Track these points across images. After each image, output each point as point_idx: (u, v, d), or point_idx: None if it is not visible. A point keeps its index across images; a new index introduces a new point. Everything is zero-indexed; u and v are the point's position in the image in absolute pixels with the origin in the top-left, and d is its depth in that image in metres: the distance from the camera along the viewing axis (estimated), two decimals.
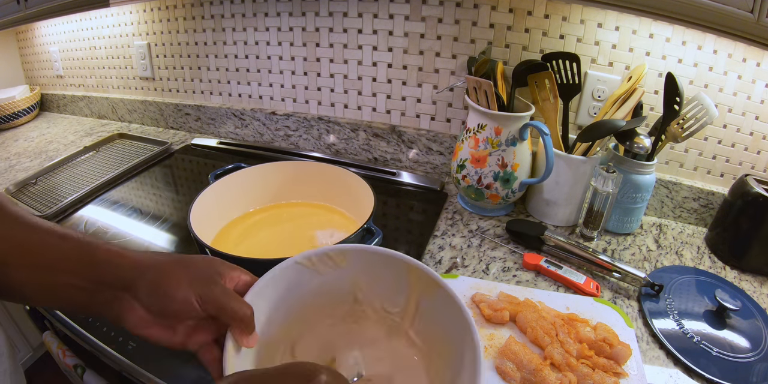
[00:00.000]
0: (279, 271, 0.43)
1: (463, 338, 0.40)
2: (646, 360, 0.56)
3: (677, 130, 0.72)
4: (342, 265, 0.45)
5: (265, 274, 0.42)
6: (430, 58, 0.90)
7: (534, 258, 0.70)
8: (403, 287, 0.45)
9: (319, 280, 0.45)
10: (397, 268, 0.44)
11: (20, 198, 0.93)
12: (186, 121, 1.25)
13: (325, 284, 0.46)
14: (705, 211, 0.81)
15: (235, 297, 0.36)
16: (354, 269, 0.46)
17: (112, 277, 0.35)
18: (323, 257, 0.45)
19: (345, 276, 0.46)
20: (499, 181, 0.77)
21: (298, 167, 0.79)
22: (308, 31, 0.98)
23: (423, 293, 0.44)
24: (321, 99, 1.05)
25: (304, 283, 0.45)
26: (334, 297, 0.47)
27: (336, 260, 0.45)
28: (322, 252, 0.44)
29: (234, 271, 0.39)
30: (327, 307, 0.47)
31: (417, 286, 0.44)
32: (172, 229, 0.83)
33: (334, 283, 0.46)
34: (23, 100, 1.38)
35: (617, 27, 0.75)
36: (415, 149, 0.99)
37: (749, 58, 0.70)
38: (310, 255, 0.44)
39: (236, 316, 0.35)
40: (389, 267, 0.45)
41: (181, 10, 1.10)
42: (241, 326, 0.36)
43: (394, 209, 0.88)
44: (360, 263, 0.45)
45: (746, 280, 0.70)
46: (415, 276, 0.44)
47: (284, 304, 0.44)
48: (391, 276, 0.45)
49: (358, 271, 0.46)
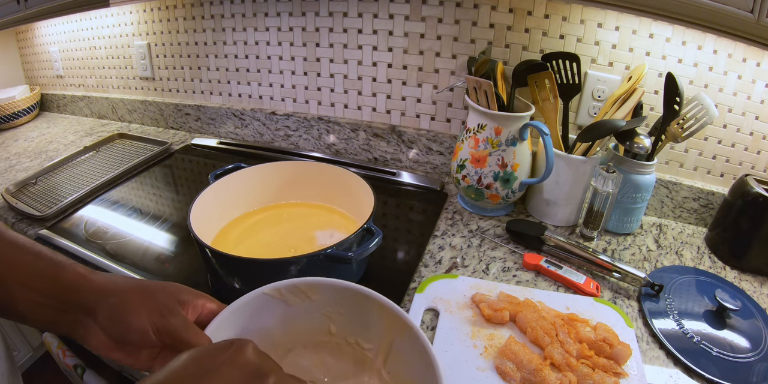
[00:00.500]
0: (245, 301, 0.42)
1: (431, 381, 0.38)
2: (646, 360, 0.56)
3: (677, 130, 0.72)
4: (313, 298, 0.45)
5: (230, 304, 0.41)
6: (430, 58, 0.90)
7: (534, 258, 0.70)
8: (377, 325, 0.44)
9: (290, 311, 0.45)
10: (368, 306, 0.43)
11: (20, 198, 0.93)
12: (186, 121, 1.25)
13: (296, 315, 0.45)
14: (705, 211, 0.81)
15: (192, 329, 0.35)
16: (326, 303, 0.45)
17: (76, 300, 0.35)
18: (293, 289, 0.44)
19: (317, 308, 0.45)
20: (499, 181, 0.77)
21: (298, 167, 0.79)
22: (308, 31, 0.98)
23: (396, 333, 0.43)
24: (321, 99, 1.05)
25: (273, 313, 0.44)
26: (307, 328, 0.46)
27: (307, 293, 0.44)
28: (291, 284, 0.43)
29: (199, 300, 0.38)
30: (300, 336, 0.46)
31: (389, 325, 0.43)
32: (172, 229, 0.83)
33: (306, 315, 0.45)
34: (23, 100, 1.38)
35: (617, 27, 0.75)
36: (415, 149, 0.99)
37: (749, 58, 0.70)
38: (278, 286, 0.43)
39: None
40: (361, 304, 0.44)
41: (181, 10, 1.10)
42: None
43: (394, 209, 0.88)
44: (332, 297, 0.44)
45: (746, 280, 0.70)
46: (386, 315, 0.43)
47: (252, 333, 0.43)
48: (363, 312, 0.44)
49: (330, 304, 0.45)
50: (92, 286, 0.36)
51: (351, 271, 0.65)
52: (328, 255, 0.56)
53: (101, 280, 0.37)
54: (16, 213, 0.89)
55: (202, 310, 0.38)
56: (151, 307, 0.35)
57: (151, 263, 0.73)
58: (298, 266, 0.57)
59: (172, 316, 0.35)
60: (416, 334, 0.40)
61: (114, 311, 0.35)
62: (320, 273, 0.60)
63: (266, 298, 0.43)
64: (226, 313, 0.40)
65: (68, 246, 0.77)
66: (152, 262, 0.74)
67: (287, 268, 0.57)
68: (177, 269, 0.72)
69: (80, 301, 0.35)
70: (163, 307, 0.35)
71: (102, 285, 0.36)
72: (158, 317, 0.34)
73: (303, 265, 0.57)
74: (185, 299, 0.37)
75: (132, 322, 0.34)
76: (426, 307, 0.62)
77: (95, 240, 0.79)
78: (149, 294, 0.36)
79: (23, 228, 0.85)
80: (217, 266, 0.61)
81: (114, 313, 0.34)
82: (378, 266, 0.71)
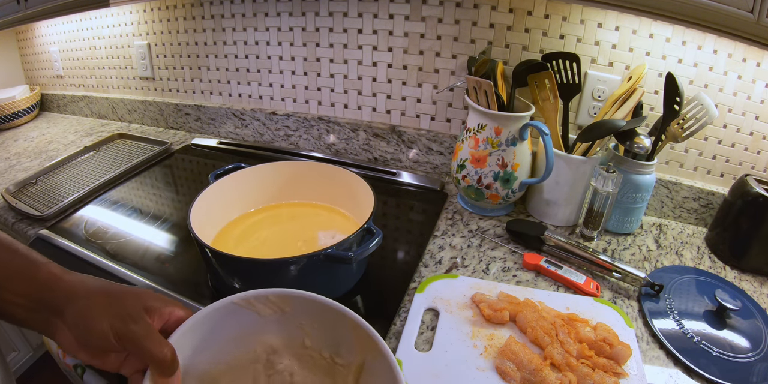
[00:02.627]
0: (214, 309, 0.41)
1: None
2: (646, 360, 0.56)
3: (677, 130, 0.72)
4: (286, 310, 0.44)
5: (197, 313, 0.40)
6: (430, 58, 0.90)
7: (534, 258, 0.70)
8: (350, 343, 0.43)
9: (262, 322, 0.44)
10: (342, 323, 0.42)
11: (20, 198, 0.93)
12: (186, 121, 1.25)
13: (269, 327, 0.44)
14: (705, 211, 0.81)
15: (153, 337, 0.35)
16: (299, 315, 0.44)
17: (48, 300, 0.36)
18: (263, 299, 0.43)
19: (290, 320, 0.44)
20: (499, 181, 0.77)
21: (298, 167, 0.79)
22: (308, 31, 0.98)
23: (368, 354, 0.42)
24: (321, 99, 1.05)
25: (243, 324, 0.43)
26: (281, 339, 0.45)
27: (279, 305, 0.43)
28: (262, 294, 0.42)
29: (167, 307, 0.38)
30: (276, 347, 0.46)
31: (362, 346, 0.42)
32: (172, 229, 0.83)
33: (279, 327, 0.44)
34: (23, 100, 1.38)
35: (617, 27, 0.75)
36: (415, 149, 0.99)
37: (749, 58, 0.70)
38: (249, 296, 0.42)
39: (153, 358, 0.34)
40: (335, 320, 0.43)
41: (181, 10, 1.10)
42: (159, 368, 0.35)
43: (394, 209, 0.88)
44: (305, 310, 0.43)
45: (746, 280, 0.70)
46: (359, 335, 0.42)
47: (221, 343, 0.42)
48: (337, 329, 0.43)
49: (304, 317, 0.44)
50: (64, 287, 0.36)
51: (351, 271, 0.65)
52: (328, 255, 0.56)
53: (73, 281, 0.37)
54: (16, 213, 0.89)
55: (169, 318, 0.38)
56: (113, 313, 0.35)
57: (151, 263, 0.73)
58: (298, 266, 0.57)
59: (133, 322, 0.35)
60: (388, 360, 0.39)
61: (79, 315, 0.35)
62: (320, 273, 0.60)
63: (235, 308, 0.42)
64: (192, 322, 0.39)
65: (68, 246, 0.77)
66: (152, 262, 0.74)
67: (287, 268, 0.57)
68: (177, 269, 0.72)
69: (51, 302, 0.35)
70: (125, 314, 0.35)
71: (72, 286, 0.36)
72: (120, 323, 0.34)
73: (303, 265, 0.57)
74: (152, 306, 0.37)
75: (94, 326, 0.34)
76: (426, 307, 0.62)
77: (95, 240, 0.79)
78: (116, 299, 0.36)
79: (23, 228, 0.85)
80: (217, 266, 0.61)
81: (79, 317, 0.35)
82: (378, 266, 0.71)
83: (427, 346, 0.56)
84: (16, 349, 1.30)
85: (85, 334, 0.34)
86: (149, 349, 0.34)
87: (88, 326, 0.34)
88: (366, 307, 0.64)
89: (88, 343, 0.35)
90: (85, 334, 0.34)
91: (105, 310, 0.35)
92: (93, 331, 0.34)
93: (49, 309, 0.35)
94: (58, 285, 0.36)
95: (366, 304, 0.65)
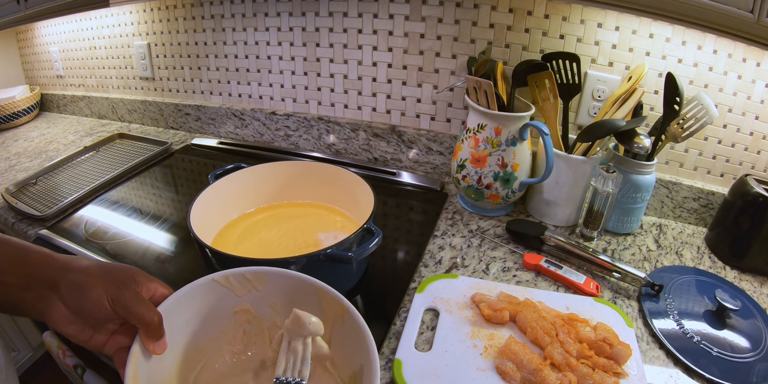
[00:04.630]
0: (196, 287, 0.44)
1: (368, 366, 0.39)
2: (646, 360, 0.56)
3: (677, 130, 0.72)
4: (259, 288, 0.47)
5: (181, 288, 0.43)
6: (430, 58, 0.90)
7: (534, 258, 0.70)
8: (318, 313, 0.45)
9: (237, 302, 0.47)
10: (310, 293, 0.45)
11: (20, 198, 0.93)
12: (186, 121, 1.25)
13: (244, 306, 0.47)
14: (705, 211, 0.81)
15: (144, 302, 0.38)
16: (271, 293, 0.47)
17: (41, 275, 0.38)
18: (240, 278, 0.46)
19: (263, 300, 0.47)
20: (499, 181, 0.77)
21: (298, 167, 0.79)
22: (308, 31, 0.98)
23: (336, 319, 0.45)
24: (321, 99, 1.05)
25: (223, 303, 0.46)
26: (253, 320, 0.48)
27: (253, 283, 0.46)
28: (239, 272, 0.46)
29: (152, 283, 0.41)
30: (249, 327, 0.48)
31: (330, 313, 0.45)
32: (172, 229, 0.83)
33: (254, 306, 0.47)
34: (23, 100, 1.38)
35: (617, 27, 0.75)
36: (415, 149, 0.99)
37: (749, 58, 0.70)
38: (227, 274, 0.45)
39: (143, 320, 0.37)
40: (303, 292, 0.46)
41: (181, 10, 1.10)
42: (148, 331, 0.38)
43: (394, 209, 0.88)
44: (276, 287, 0.46)
45: (746, 280, 0.70)
46: (326, 300, 0.45)
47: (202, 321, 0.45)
48: (305, 300, 0.46)
49: (274, 295, 0.47)
50: (57, 263, 0.38)
51: (351, 270, 0.65)
52: (328, 255, 0.56)
53: (65, 259, 0.40)
54: (16, 213, 0.89)
55: (154, 293, 0.41)
56: (107, 281, 0.37)
57: (151, 263, 0.73)
58: (298, 266, 0.57)
59: (126, 288, 0.38)
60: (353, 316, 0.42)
61: (75, 283, 0.37)
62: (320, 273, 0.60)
63: (215, 286, 0.45)
64: (176, 297, 0.42)
65: (68, 246, 0.77)
66: (152, 262, 0.74)
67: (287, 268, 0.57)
68: (177, 269, 0.72)
69: (46, 275, 0.38)
70: (118, 281, 0.38)
71: (66, 261, 0.39)
72: (114, 289, 0.37)
73: (303, 265, 0.57)
74: (140, 280, 0.40)
75: (89, 293, 0.37)
76: (426, 307, 0.62)
77: (95, 240, 0.79)
78: (108, 270, 0.39)
79: (23, 228, 0.85)
80: (218, 266, 0.61)
81: (75, 286, 0.37)
82: (378, 266, 0.71)
83: (427, 346, 0.56)
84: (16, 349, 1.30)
85: (80, 300, 0.37)
86: (139, 312, 0.37)
87: (84, 293, 0.37)
88: (366, 307, 0.64)
89: (82, 312, 0.37)
90: (80, 300, 0.37)
91: (99, 278, 0.37)
92: (88, 297, 0.36)
93: (44, 282, 0.37)
94: (51, 261, 0.39)
95: (366, 304, 0.65)
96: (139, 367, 0.38)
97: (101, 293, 0.36)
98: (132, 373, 0.37)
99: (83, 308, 0.37)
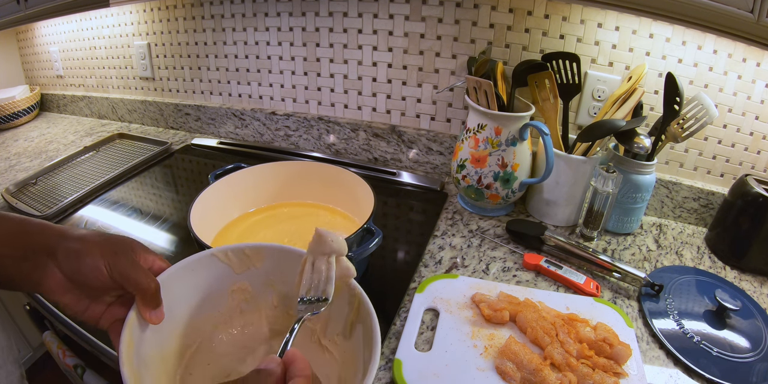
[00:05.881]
0: (194, 260, 0.44)
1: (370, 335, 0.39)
2: (646, 360, 0.56)
3: (677, 130, 0.72)
4: (257, 266, 0.46)
5: (179, 261, 0.43)
6: (430, 58, 0.90)
7: (534, 258, 0.70)
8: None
9: (235, 280, 0.46)
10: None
11: (20, 198, 0.93)
12: (186, 121, 1.25)
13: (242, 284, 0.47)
14: (705, 211, 0.81)
15: (142, 269, 0.38)
16: (270, 271, 0.46)
17: (39, 243, 0.37)
18: (239, 253, 0.45)
19: (261, 278, 0.47)
20: (499, 181, 0.77)
21: (298, 167, 0.79)
22: (308, 31, 0.98)
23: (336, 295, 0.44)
24: (321, 99, 1.05)
25: (221, 280, 0.46)
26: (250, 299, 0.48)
27: (252, 259, 0.46)
28: (238, 248, 0.45)
29: (150, 255, 0.41)
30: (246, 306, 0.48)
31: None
32: (172, 229, 0.83)
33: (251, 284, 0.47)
34: (23, 100, 1.38)
35: (617, 27, 0.75)
36: (415, 149, 0.99)
37: (749, 58, 0.70)
38: (226, 249, 0.45)
39: (140, 286, 0.37)
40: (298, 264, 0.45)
41: (181, 10, 1.10)
42: (145, 298, 0.37)
43: (394, 209, 0.88)
44: (275, 263, 0.46)
45: (746, 280, 0.70)
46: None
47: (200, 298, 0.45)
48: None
49: (272, 271, 0.46)
50: (55, 231, 0.38)
51: None
52: None
53: (64, 227, 0.39)
54: (16, 213, 0.89)
55: (152, 265, 0.41)
56: (106, 248, 0.37)
57: None
58: None
59: (124, 256, 0.37)
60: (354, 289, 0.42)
61: (72, 250, 0.37)
62: None
63: (214, 261, 0.45)
64: (174, 269, 0.42)
65: None
66: None
67: None
68: None
69: (43, 243, 0.37)
70: (117, 249, 0.38)
71: (64, 229, 0.39)
72: (112, 255, 0.37)
73: None
74: (138, 250, 0.40)
75: (87, 259, 0.36)
76: (426, 307, 0.62)
77: None
78: (106, 239, 0.38)
79: None
80: None
81: (73, 252, 0.37)
82: (378, 266, 0.71)
83: (427, 346, 0.56)
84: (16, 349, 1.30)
85: (77, 266, 0.36)
86: (137, 279, 0.37)
87: (81, 259, 0.36)
88: None
89: (78, 279, 0.37)
90: (77, 266, 0.36)
91: (97, 245, 0.37)
92: (85, 263, 0.36)
93: (41, 250, 0.37)
94: (49, 230, 0.38)
95: None
96: (134, 335, 0.37)
97: (99, 259, 0.36)
98: (127, 339, 0.36)
99: (80, 275, 0.36)
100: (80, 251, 0.36)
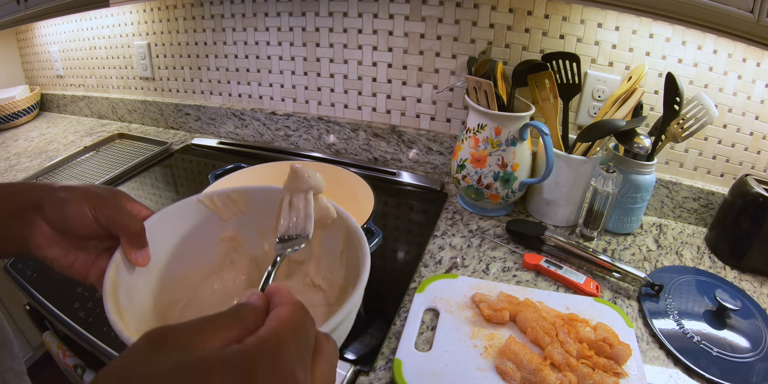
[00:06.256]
0: (180, 207, 0.43)
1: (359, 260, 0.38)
2: (646, 360, 0.56)
3: (677, 130, 0.72)
4: (244, 211, 0.45)
5: (165, 208, 0.42)
6: (430, 58, 0.90)
7: (534, 258, 0.70)
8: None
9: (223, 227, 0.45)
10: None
11: None
12: (186, 121, 1.25)
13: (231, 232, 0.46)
14: (705, 211, 0.81)
15: (127, 212, 0.38)
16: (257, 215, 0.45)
17: (26, 199, 0.37)
18: (225, 199, 0.44)
19: (249, 224, 0.45)
20: (499, 181, 0.77)
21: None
22: (308, 31, 0.98)
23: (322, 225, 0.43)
24: (321, 99, 1.05)
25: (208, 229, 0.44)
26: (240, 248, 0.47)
27: (238, 204, 0.45)
28: (223, 192, 0.44)
29: (135, 204, 0.41)
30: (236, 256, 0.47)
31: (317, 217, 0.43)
32: None
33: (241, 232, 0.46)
34: (23, 100, 1.38)
35: (617, 27, 0.75)
36: (415, 149, 0.99)
37: (749, 58, 0.70)
38: (212, 194, 0.44)
39: (125, 227, 0.37)
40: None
41: (181, 10, 1.10)
42: (130, 238, 0.37)
43: (394, 209, 0.88)
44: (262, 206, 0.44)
45: (746, 280, 0.70)
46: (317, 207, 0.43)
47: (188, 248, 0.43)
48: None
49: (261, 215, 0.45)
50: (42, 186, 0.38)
51: None
52: None
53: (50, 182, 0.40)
54: None
55: (138, 213, 0.41)
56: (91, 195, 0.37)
57: None
58: None
59: (110, 201, 0.38)
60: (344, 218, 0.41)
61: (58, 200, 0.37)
62: None
63: (200, 207, 0.44)
64: (160, 215, 0.41)
65: None
66: None
67: None
68: None
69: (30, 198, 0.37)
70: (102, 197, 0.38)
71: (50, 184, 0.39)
72: (97, 201, 0.37)
73: None
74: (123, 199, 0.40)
75: (73, 206, 0.36)
76: (426, 307, 0.62)
77: None
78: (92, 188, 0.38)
79: None
80: None
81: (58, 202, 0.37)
82: (378, 266, 0.71)
83: (427, 346, 0.56)
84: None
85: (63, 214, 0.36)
86: (122, 221, 0.37)
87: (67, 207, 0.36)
88: (366, 307, 0.64)
89: (65, 228, 0.37)
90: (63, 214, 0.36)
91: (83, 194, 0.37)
92: (71, 211, 0.36)
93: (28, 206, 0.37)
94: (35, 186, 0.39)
95: (366, 304, 0.65)
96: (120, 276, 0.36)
97: (84, 206, 0.36)
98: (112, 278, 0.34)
99: (66, 222, 0.37)
100: (66, 200, 0.37)
